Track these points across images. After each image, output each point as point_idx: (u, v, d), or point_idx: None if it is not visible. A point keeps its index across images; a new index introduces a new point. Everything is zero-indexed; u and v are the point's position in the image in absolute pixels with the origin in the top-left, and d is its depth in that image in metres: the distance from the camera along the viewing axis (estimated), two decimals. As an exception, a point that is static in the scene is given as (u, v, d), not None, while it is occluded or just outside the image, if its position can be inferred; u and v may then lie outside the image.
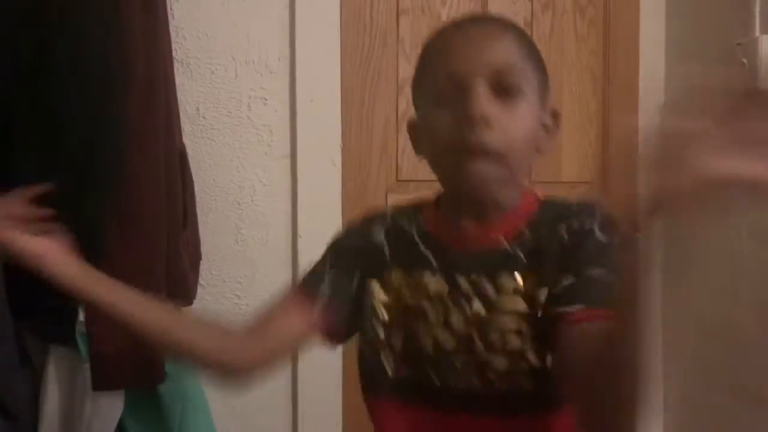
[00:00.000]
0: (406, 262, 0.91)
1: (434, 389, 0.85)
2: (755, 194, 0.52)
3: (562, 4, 1.94)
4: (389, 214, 0.97)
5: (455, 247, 0.88)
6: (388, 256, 0.92)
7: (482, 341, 0.83)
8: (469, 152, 0.80)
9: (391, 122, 1.80)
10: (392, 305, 0.90)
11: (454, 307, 0.85)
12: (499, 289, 0.84)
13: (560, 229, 0.83)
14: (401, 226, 0.94)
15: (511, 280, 0.84)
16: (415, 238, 0.91)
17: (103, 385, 1.32)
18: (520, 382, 0.82)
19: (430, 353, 0.86)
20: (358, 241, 0.96)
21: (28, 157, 1.29)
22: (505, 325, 0.83)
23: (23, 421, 1.27)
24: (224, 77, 1.65)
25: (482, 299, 0.84)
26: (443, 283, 0.87)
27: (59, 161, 1.29)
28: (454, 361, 0.84)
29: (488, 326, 0.83)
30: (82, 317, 1.32)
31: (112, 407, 1.37)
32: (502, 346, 0.82)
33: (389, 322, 0.90)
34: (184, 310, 1.52)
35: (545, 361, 0.81)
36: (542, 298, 0.82)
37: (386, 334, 0.90)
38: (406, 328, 0.88)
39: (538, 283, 0.82)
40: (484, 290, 0.84)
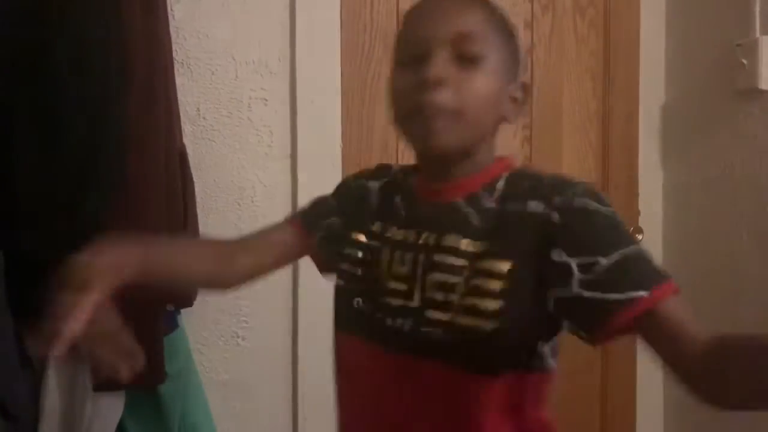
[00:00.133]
0: (386, 213, 0.98)
1: (385, 328, 0.91)
2: None
3: (562, 5, 1.94)
4: (394, 169, 1.05)
5: (423, 202, 0.95)
6: (375, 206, 1.01)
7: (420, 293, 0.88)
8: (421, 112, 0.85)
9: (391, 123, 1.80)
10: (368, 248, 0.97)
11: (405, 258, 0.91)
12: (442, 246, 0.88)
13: (535, 206, 0.84)
14: (397, 180, 1.02)
15: (455, 239, 0.88)
16: (400, 192, 0.99)
17: (103, 385, 1.33)
18: (453, 336, 0.85)
19: (385, 296, 0.92)
20: (358, 190, 1.04)
21: (28, 157, 1.29)
22: (442, 281, 0.87)
23: (23, 421, 1.27)
24: (224, 78, 1.65)
25: (426, 253, 0.89)
26: (403, 234, 0.94)
27: (59, 161, 1.29)
28: (400, 307, 0.90)
29: (426, 279, 0.88)
30: (82, 318, 1.32)
31: (112, 408, 1.37)
32: (439, 300, 0.86)
33: (362, 261, 0.97)
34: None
35: (480, 321, 0.83)
36: (502, 268, 0.83)
37: (361, 272, 0.97)
38: (374, 269, 0.95)
39: (494, 252, 0.84)
40: (429, 246, 0.90)
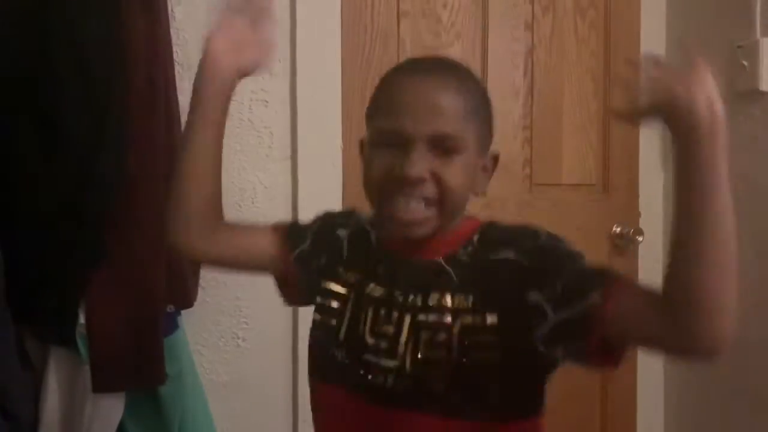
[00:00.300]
0: (359, 264, 1.01)
1: (368, 382, 0.93)
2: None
3: (562, 6, 1.94)
4: (360, 216, 1.08)
5: (399, 259, 0.97)
6: (346, 254, 1.03)
7: (408, 352, 0.91)
8: (400, 204, 0.89)
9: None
10: (342, 298, 1.00)
11: (390, 316, 0.94)
12: (428, 305, 0.91)
13: (506, 254, 0.89)
14: (366, 229, 1.04)
15: (440, 296, 0.91)
16: (371, 243, 1.02)
17: (103, 386, 1.33)
18: (438, 389, 0.88)
19: (366, 352, 0.94)
20: (332, 231, 1.07)
21: (29, 157, 1.30)
22: (431, 339, 0.90)
23: (24, 423, 1.27)
24: (225, 79, 1.65)
25: (411, 312, 0.92)
26: (383, 291, 0.96)
27: (60, 162, 1.29)
28: (383, 362, 0.92)
29: (414, 339, 0.91)
30: (82, 319, 1.32)
31: (112, 409, 1.38)
32: (424, 355, 0.90)
33: (339, 312, 0.99)
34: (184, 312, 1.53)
35: (467, 373, 0.87)
36: (491, 321, 0.87)
37: (335, 323, 0.99)
38: (349, 322, 0.98)
39: (480, 306, 0.88)
40: (414, 304, 0.92)
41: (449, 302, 0.90)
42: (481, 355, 0.87)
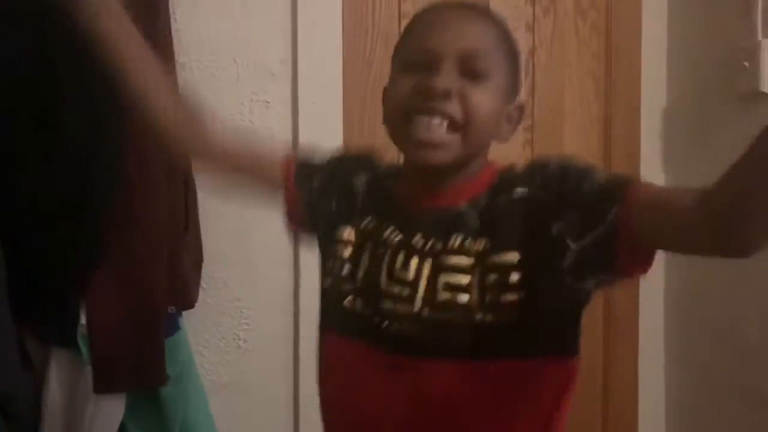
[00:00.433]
0: (375, 211, 0.97)
1: (388, 331, 0.90)
2: None
3: (563, 7, 1.94)
4: (383, 166, 1.04)
5: (415, 207, 0.94)
6: (360, 203, 1.00)
7: (429, 296, 0.88)
8: (423, 118, 0.86)
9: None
10: (357, 245, 0.96)
11: (407, 260, 0.90)
12: (449, 248, 0.88)
13: (521, 192, 0.87)
14: (385, 180, 1.01)
15: (461, 240, 0.88)
16: (389, 193, 0.99)
17: (104, 387, 1.33)
18: (459, 335, 0.86)
19: (383, 300, 0.91)
20: (347, 177, 1.03)
21: (28, 157, 1.30)
22: (453, 282, 0.87)
23: (25, 424, 1.27)
24: (226, 81, 1.65)
25: (431, 256, 0.89)
26: (401, 237, 0.92)
27: (60, 164, 1.29)
28: (402, 308, 0.89)
29: (435, 283, 0.88)
30: (83, 320, 1.32)
31: (113, 410, 1.38)
32: (445, 299, 0.87)
33: (352, 258, 0.96)
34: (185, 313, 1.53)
35: (490, 316, 0.85)
36: (512, 260, 0.85)
37: (349, 270, 0.95)
38: (366, 269, 0.94)
39: (500, 246, 0.86)
40: (434, 248, 0.89)
41: (470, 244, 0.87)
42: (504, 294, 0.85)
